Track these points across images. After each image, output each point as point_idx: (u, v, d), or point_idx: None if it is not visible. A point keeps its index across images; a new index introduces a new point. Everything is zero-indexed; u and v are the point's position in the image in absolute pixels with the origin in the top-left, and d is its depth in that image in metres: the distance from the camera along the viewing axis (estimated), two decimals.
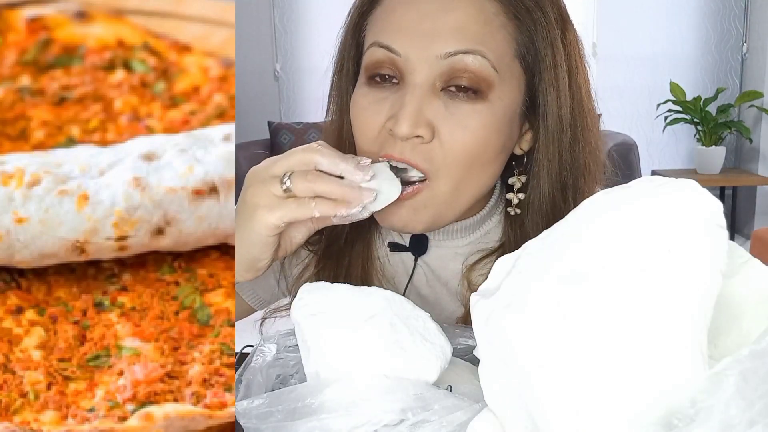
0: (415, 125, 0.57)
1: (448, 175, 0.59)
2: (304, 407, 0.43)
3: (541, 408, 0.36)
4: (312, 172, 0.54)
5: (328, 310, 0.47)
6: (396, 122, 0.57)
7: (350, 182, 0.54)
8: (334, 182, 0.54)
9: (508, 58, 0.59)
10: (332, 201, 0.54)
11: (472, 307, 0.42)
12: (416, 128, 0.57)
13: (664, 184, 0.39)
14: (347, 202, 0.54)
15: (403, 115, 0.57)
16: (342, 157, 0.54)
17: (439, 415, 0.41)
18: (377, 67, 0.60)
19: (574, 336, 0.35)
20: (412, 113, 0.57)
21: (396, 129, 0.57)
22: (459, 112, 0.58)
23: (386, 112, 0.59)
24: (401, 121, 0.57)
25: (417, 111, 0.57)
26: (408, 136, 0.57)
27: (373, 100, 0.60)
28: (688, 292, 0.34)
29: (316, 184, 0.53)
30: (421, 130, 0.57)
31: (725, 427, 0.30)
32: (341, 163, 0.54)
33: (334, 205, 0.53)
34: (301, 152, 0.54)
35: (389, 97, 0.59)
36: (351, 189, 0.53)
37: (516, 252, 0.43)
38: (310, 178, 0.53)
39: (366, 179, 0.54)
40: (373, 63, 0.60)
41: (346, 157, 0.55)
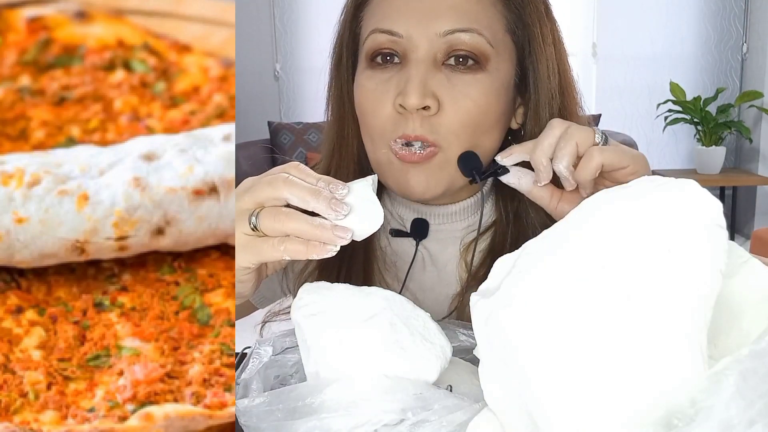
0: (423, 96, 0.60)
1: (457, 141, 0.63)
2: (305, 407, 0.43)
3: (541, 408, 0.36)
4: (281, 210, 0.48)
5: (328, 310, 0.47)
6: (405, 96, 0.60)
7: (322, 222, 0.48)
8: (305, 221, 0.48)
9: (500, 33, 0.64)
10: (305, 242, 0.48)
11: (472, 307, 0.42)
12: (424, 99, 0.60)
13: (664, 183, 0.39)
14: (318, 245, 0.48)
15: (410, 88, 0.60)
16: (313, 193, 0.48)
17: (439, 415, 0.41)
18: (379, 51, 0.63)
19: (574, 336, 0.35)
20: (418, 85, 0.60)
21: (406, 101, 0.60)
22: (461, 83, 0.62)
23: (393, 90, 0.62)
24: (410, 94, 0.60)
25: (423, 83, 0.61)
26: (417, 107, 0.60)
27: (379, 81, 0.63)
28: (688, 292, 0.34)
29: (285, 224, 0.48)
30: (428, 100, 0.61)
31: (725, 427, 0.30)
32: (312, 200, 0.48)
33: (305, 248, 0.48)
34: (269, 186, 0.49)
35: (394, 76, 0.63)
36: (323, 230, 0.48)
37: (516, 252, 0.43)
38: (278, 217, 0.48)
39: (341, 217, 0.48)
40: (374, 47, 0.63)
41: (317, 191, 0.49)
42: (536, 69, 0.65)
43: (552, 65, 0.66)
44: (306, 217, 0.48)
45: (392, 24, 0.62)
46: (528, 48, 0.65)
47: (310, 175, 0.50)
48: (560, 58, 0.67)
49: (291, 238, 0.48)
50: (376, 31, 0.63)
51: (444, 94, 0.61)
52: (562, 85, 0.67)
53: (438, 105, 0.61)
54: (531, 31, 0.65)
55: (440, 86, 0.61)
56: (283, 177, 0.49)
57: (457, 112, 0.62)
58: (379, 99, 0.63)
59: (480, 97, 0.62)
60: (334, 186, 0.49)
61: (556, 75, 0.66)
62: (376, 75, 0.64)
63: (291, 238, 0.48)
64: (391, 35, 0.62)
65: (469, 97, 0.62)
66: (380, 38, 0.63)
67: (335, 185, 0.49)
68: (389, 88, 0.62)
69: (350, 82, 0.68)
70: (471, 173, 0.63)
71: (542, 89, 0.66)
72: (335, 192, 0.49)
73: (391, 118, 0.63)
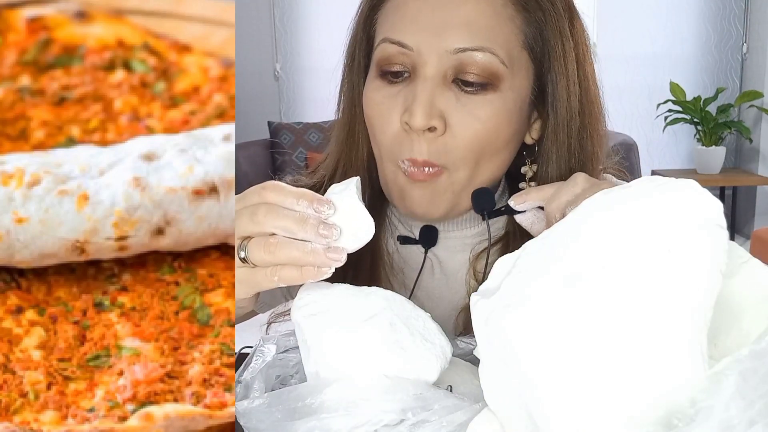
0: (429, 116, 0.58)
1: (463, 165, 0.61)
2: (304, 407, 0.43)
3: (541, 408, 0.36)
4: (269, 241, 0.47)
5: (328, 310, 0.47)
6: (411, 115, 0.58)
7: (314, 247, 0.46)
8: (296, 249, 0.46)
9: (516, 50, 0.60)
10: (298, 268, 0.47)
11: (472, 307, 0.42)
12: (430, 119, 0.58)
13: (664, 184, 0.39)
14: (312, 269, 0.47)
15: (416, 106, 0.58)
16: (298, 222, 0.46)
17: (439, 415, 0.41)
18: (389, 63, 0.61)
19: (574, 336, 0.35)
20: (425, 104, 0.58)
21: (411, 122, 0.58)
22: (470, 103, 0.59)
23: (400, 106, 0.60)
24: (415, 113, 0.58)
25: (429, 102, 0.58)
26: (423, 128, 0.58)
27: (387, 95, 0.61)
28: (688, 292, 0.34)
29: (276, 255, 0.46)
30: (434, 121, 0.58)
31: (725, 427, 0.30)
32: (299, 231, 0.46)
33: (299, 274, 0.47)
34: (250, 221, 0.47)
35: (402, 90, 0.61)
36: (316, 255, 0.46)
37: (516, 252, 0.43)
38: (268, 248, 0.47)
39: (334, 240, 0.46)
40: (384, 58, 0.61)
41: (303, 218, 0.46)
42: (555, 87, 0.62)
43: (573, 84, 0.62)
44: (297, 244, 0.46)
45: (403, 35, 0.60)
46: (547, 64, 0.62)
47: (290, 194, 0.47)
48: (583, 76, 0.64)
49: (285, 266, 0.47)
50: (386, 40, 0.61)
51: (451, 114, 0.59)
52: (583, 104, 0.64)
53: (444, 125, 0.59)
54: (551, 47, 0.61)
55: (448, 105, 0.59)
56: (264, 209, 0.47)
57: (464, 134, 0.59)
58: (386, 115, 0.61)
59: (490, 119, 0.59)
60: (318, 205, 0.47)
61: (577, 94, 0.63)
62: (385, 88, 0.62)
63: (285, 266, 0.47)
64: (401, 47, 0.60)
65: (478, 118, 0.59)
66: (390, 49, 0.60)
67: (319, 204, 0.47)
68: (397, 104, 0.60)
69: (361, 86, 0.66)
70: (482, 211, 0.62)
71: (561, 109, 0.63)
72: (321, 212, 0.46)
73: (398, 136, 0.61)
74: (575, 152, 0.64)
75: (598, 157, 0.66)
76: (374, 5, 0.65)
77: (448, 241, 0.70)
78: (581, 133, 0.64)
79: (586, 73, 0.64)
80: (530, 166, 0.67)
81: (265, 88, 3.76)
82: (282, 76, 3.75)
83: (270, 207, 0.47)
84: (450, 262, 0.71)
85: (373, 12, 0.65)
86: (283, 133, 3.45)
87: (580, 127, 0.64)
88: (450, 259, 0.71)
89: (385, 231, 0.72)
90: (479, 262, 0.69)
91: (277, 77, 3.76)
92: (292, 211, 0.47)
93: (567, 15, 0.63)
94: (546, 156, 0.65)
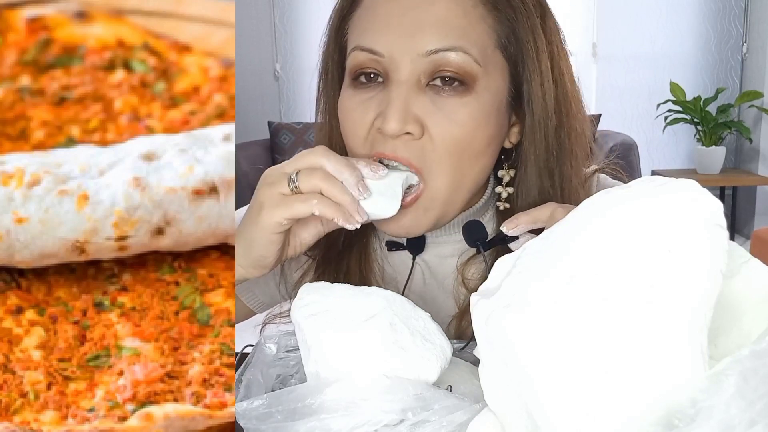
0: (404, 121, 0.57)
1: (441, 171, 0.59)
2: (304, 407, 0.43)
3: (541, 408, 0.35)
4: (317, 171, 0.54)
5: (328, 310, 0.47)
6: (384, 120, 0.57)
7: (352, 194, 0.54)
8: (337, 185, 0.54)
9: (489, 49, 0.59)
10: (334, 204, 0.54)
11: (472, 307, 0.42)
12: (405, 125, 0.57)
13: (664, 184, 0.39)
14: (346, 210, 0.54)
15: (390, 112, 0.57)
16: (347, 165, 0.54)
17: (439, 415, 0.41)
18: (361, 71, 0.60)
19: (574, 336, 0.35)
20: (399, 109, 0.57)
21: (384, 126, 0.57)
22: (446, 106, 0.58)
23: (373, 110, 0.59)
24: (389, 119, 0.56)
25: (404, 107, 0.57)
26: (397, 133, 0.57)
27: (359, 101, 0.60)
28: (688, 292, 0.34)
29: (320, 182, 0.53)
30: (410, 126, 0.57)
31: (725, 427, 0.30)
32: (345, 172, 0.54)
33: (334, 209, 0.53)
34: (310, 154, 0.55)
35: (375, 96, 0.59)
36: (351, 200, 0.54)
37: (516, 252, 0.43)
38: (315, 174, 0.54)
39: (362, 198, 0.54)
40: (356, 66, 0.60)
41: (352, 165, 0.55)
42: (530, 86, 0.61)
43: (547, 82, 0.61)
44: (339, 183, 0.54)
45: (374, 42, 0.58)
46: (521, 63, 0.61)
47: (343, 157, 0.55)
48: (558, 73, 0.62)
49: (324, 199, 0.53)
50: (357, 48, 0.60)
51: (428, 119, 0.58)
52: (559, 102, 0.62)
53: (422, 130, 0.58)
54: (524, 45, 0.60)
55: (424, 110, 0.58)
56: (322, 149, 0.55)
57: (442, 138, 0.58)
58: (359, 119, 0.60)
59: (468, 122, 0.58)
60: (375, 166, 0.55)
61: (552, 91, 0.62)
62: (358, 94, 0.60)
63: (324, 199, 0.53)
64: (372, 54, 0.58)
65: (455, 122, 0.58)
66: (361, 56, 0.59)
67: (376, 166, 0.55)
68: (369, 109, 0.59)
69: (336, 97, 0.65)
70: (475, 243, 0.62)
71: (536, 107, 0.61)
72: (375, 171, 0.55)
73: (369, 140, 0.60)
74: (553, 150, 0.63)
75: (577, 155, 0.65)
76: (344, 15, 0.64)
77: (437, 247, 0.70)
78: (559, 131, 0.63)
79: (561, 70, 0.63)
80: (507, 171, 0.66)
81: (265, 88, 3.76)
82: (282, 76, 3.75)
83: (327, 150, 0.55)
84: (440, 267, 0.70)
85: (343, 22, 0.64)
86: (283, 133, 3.45)
87: (557, 126, 0.62)
88: (439, 264, 0.70)
89: (374, 240, 0.72)
90: (468, 269, 0.68)
91: (277, 77, 3.76)
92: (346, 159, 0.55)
93: (539, 12, 0.61)
94: (524, 156, 0.63)
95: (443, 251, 0.70)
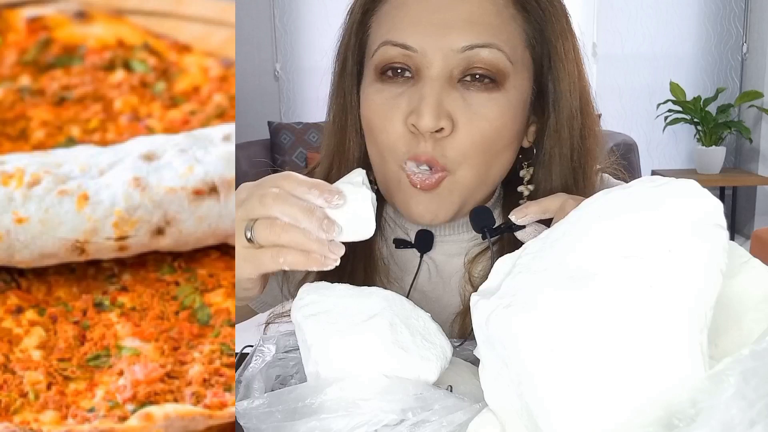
0: (438, 117, 0.57)
1: (469, 165, 0.60)
2: (304, 407, 0.43)
3: (541, 408, 0.35)
4: (275, 223, 0.48)
5: (328, 310, 0.47)
6: (419, 116, 0.57)
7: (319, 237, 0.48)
8: (301, 233, 0.48)
9: (520, 48, 0.60)
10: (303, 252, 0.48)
11: (472, 307, 0.42)
12: (439, 120, 0.57)
13: (664, 184, 0.39)
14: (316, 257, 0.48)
15: (424, 108, 0.57)
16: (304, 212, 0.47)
17: (439, 415, 0.41)
18: (390, 66, 0.60)
19: (574, 336, 0.35)
20: (433, 105, 0.57)
21: (420, 123, 0.57)
22: (476, 102, 0.58)
23: (405, 107, 0.59)
24: (424, 115, 0.57)
25: (437, 103, 0.57)
26: (431, 129, 0.57)
27: (389, 95, 0.60)
28: (689, 292, 0.34)
29: (280, 236, 0.48)
30: (443, 122, 0.57)
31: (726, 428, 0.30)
32: (304, 220, 0.47)
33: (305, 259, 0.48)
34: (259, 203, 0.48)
35: (405, 92, 0.59)
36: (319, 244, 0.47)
37: (516, 252, 0.43)
38: (273, 229, 0.48)
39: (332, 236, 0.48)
40: (385, 61, 0.60)
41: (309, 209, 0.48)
42: (557, 86, 0.62)
43: (573, 83, 0.62)
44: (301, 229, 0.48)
45: (405, 37, 0.58)
46: (548, 64, 0.62)
47: (303, 183, 0.48)
48: (581, 74, 0.64)
49: (290, 250, 0.48)
50: (387, 43, 0.59)
51: (459, 115, 0.58)
52: (583, 103, 0.64)
53: (452, 126, 0.58)
54: (552, 46, 0.61)
55: (455, 106, 0.58)
56: (273, 193, 0.48)
57: (471, 134, 0.58)
58: (389, 116, 0.60)
59: (496, 118, 0.59)
60: (329, 195, 0.48)
61: (577, 93, 0.63)
62: (386, 89, 0.60)
63: (290, 250, 0.48)
64: (404, 49, 0.58)
65: (485, 117, 0.58)
66: (392, 51, 0.59)
67: (330, 194, 0.48)
68: (400, 105, 0.59)
69: (354, 92, 0.65)
70: (482, 230, 0.62)
71: (563, 108, 0.62)
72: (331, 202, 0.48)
73: (403, 137, 0.59)
74: (577, 150, 0.64)
75: (596, 155, 0.66)
76: (367, 10, 0.64)
77: (444, 245, 0.70)
78: (582, 131, 0.64)
79: (582, 72, 0.64)
80: (527, 169, 0.66)
81: (265, 88, 3.76)
82: (282, 76, 3.75)
83: (280, 193, 0.48)
84: (446, 266, 0.70)
85: (366, 17, 0.64)
86: (283, 133, 3.45)
87: (581, 126, 0.64)
88: (446, 263, 0.70)
89: (379, 238, 0.72)
90: (475, 266, 0.68)
91: (277, 77, 3.76)
92: (301, 200, 0.48)
93: (564, 14, 0.63)
94: (548, 156, 0.64)
95: (451, 249, 0.70)
